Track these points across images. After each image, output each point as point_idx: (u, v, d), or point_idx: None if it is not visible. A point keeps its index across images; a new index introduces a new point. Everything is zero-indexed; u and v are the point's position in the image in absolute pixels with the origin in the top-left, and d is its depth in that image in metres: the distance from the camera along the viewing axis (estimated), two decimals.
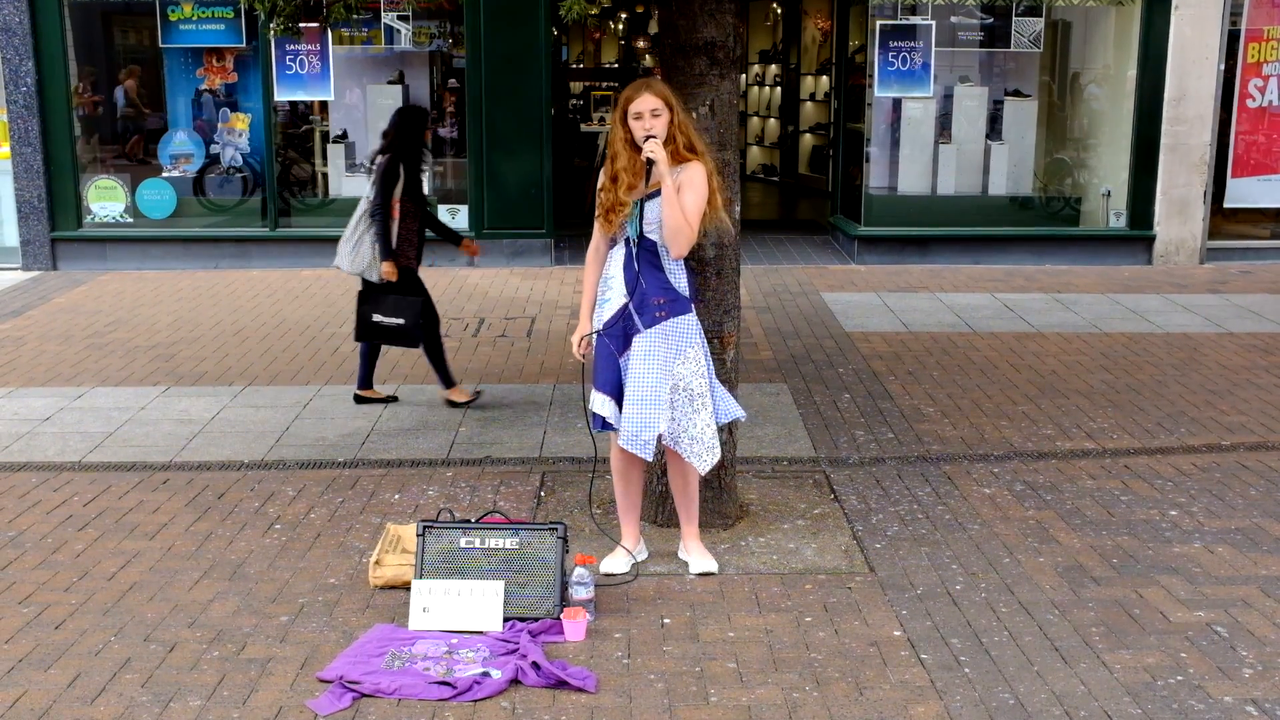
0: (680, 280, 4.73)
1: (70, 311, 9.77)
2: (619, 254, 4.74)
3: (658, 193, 4.63)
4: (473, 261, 11.03)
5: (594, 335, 4.77)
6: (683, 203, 4.61)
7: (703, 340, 4.78)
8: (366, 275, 7.00)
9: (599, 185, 4.78)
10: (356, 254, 6.97)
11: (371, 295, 7.01)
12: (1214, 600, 4.64)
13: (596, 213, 4.77)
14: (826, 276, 11.17)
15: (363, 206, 7.00)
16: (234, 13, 11.46)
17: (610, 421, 4.71)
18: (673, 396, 4.68)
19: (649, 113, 4.62)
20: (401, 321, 6.90)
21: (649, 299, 4.67)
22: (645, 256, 4.69)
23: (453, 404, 7.14)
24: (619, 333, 4.71)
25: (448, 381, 7.19)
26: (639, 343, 4.67)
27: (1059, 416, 6.94)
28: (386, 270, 6.88)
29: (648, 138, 4.59)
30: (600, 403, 4.72)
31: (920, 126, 12.13)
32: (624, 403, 4.68)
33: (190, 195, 12.00)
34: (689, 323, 4.72)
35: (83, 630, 4.42)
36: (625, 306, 4.69)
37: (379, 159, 6.97)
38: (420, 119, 7.10)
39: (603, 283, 4.80)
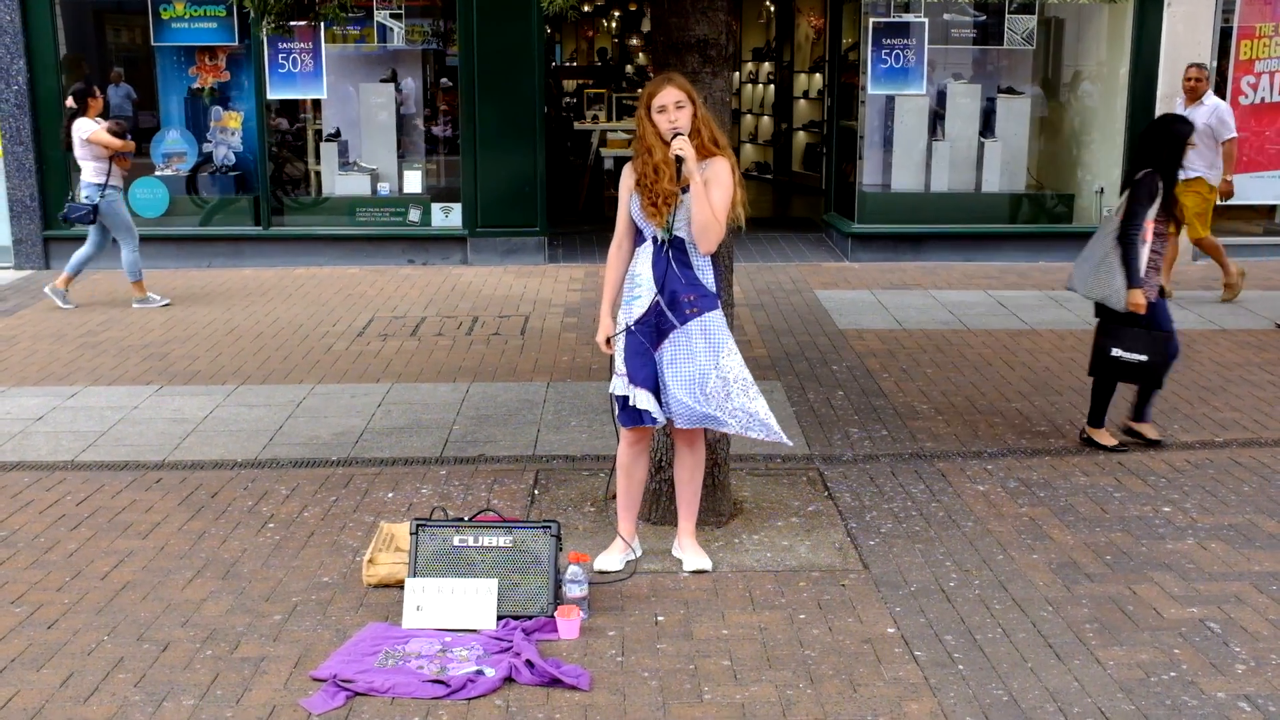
0: (708, 276, 4.74)
1: (63, 310, 9.74)
2: (646, 251, 4.74)
3: (685, 189, 4.63)
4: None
5: (624, 332, 4.75)
6: (711, 199, 4.61)
7: (728, 335, 4.81)
8: (1109, 303, 6.19)
9: (634, 181, 4.74)
10: (1098, 278, 6.20)
11: (1111, 326, 6.23)
12: (1207, 596, 4.65)
13: (642, 204, 4.70)
14: (820, 274, 11.17)
15: (1111, 225, 6.20)
16: (226, 11, 11.45)
17: (656, 416, 4.71)
18: (727, 389, 4.68)
19: (673, 105, 4.62)
20: (1145, 359, 6.15)
21: (680, 295, 4.67)
22: (674, 253, 4.69)
23: (1146, 440, 6.43)
24: (651, 329, 4.71)
25: (1140, 415, 6.47)
26: (677, 337, 4.67)
27: (1052, 413, 6.94)
28: (1135, 300, 6.10)
29: (675, 134, 4.59)
30: (644, 399, 4.70)
31: (913, 124, 12.14)
32: (676, 387, 4.67)
33: (183, 194, 11.98)
34: (719, 317, 4.75)
35: (76, 630, 4.41)
36: (656, 303, 4.69)
37: (1139, 174, 6.17)
38: (1184, 130, 6.25)
39: (629, 280, 4.79)
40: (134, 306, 9.95)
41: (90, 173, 9.75)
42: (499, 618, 4.40)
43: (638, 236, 4.81)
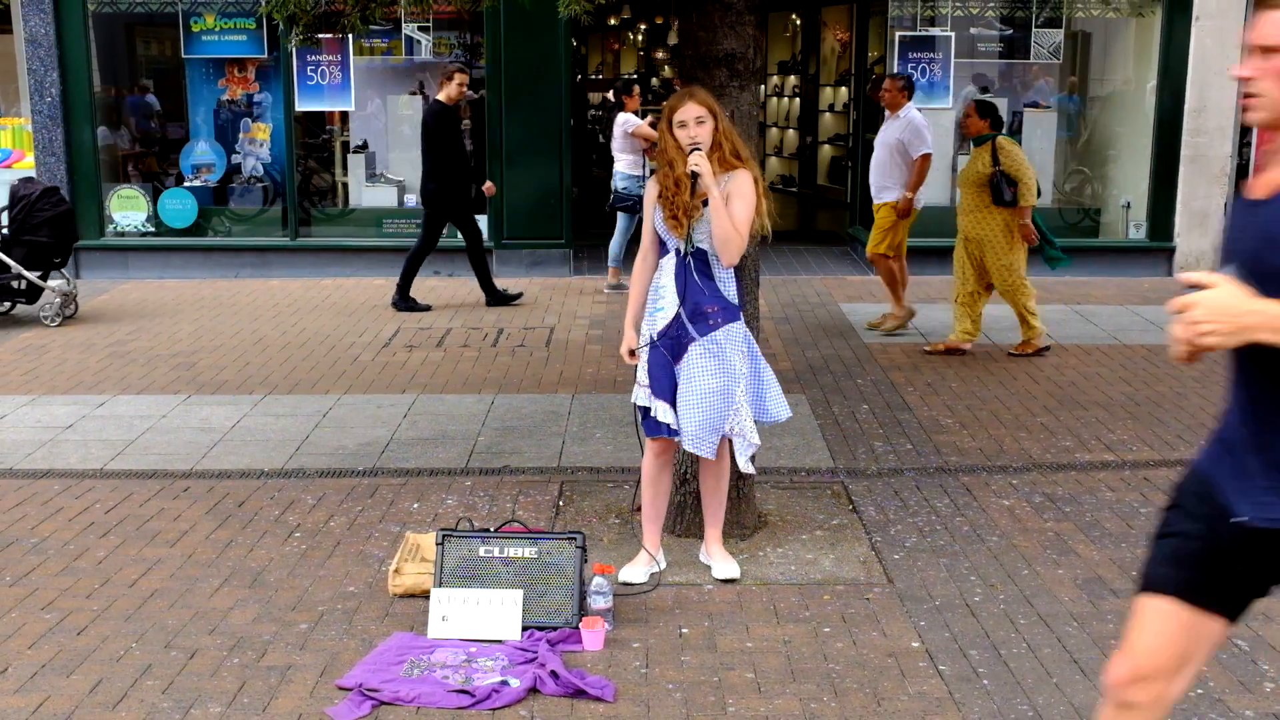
0: (730, 289, 4.77)
1: (92, 320, 9.83)
2: (669, 263, 4.77)
3: (707, 202, 4.65)
4: None
5: (648, 345, 4.78)
6: (732, 212, 4.63)
7: (750, 346, 4.83)
8: None
9: (656, 194, 4.78)
10: None
11: None
12: None
13: (664, 217, 4.73)
14: (845, 287, 11.15)
15: None
16: (255, 24, 11.55)
17: (676, 429, 4.73)
18: (740, 401, 4.72)
19: (693, 121, 4.65)
20: None
21: (702, 307, 4.70)
22: (696, 265, 4.72)
23: None
24: (672, 342, 4.74)
25: None
26: (697, 349, 4.70)
27: (1078, 428, 6.92)
28: None
29: (693, 149, 4.62)
30: (664, 411, 4.73)
31: (939, 137, 12.10)
32: (684, 407, 4.71)
33: (211, 205, 12.07)
34: (741, 329, 4.78)
35: (104, 637, 4.45)
36: (678, 315, 4.71)
37: None
38: None
39: (653, 292, 4.83)
40: (606, 290, 10.85)
41: (626, 165, 10.61)
42: (524, 628, 4.41)
43: (662, 249, 4.84)
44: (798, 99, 18.36)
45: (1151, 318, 9.83)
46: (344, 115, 12.31)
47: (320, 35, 6.61)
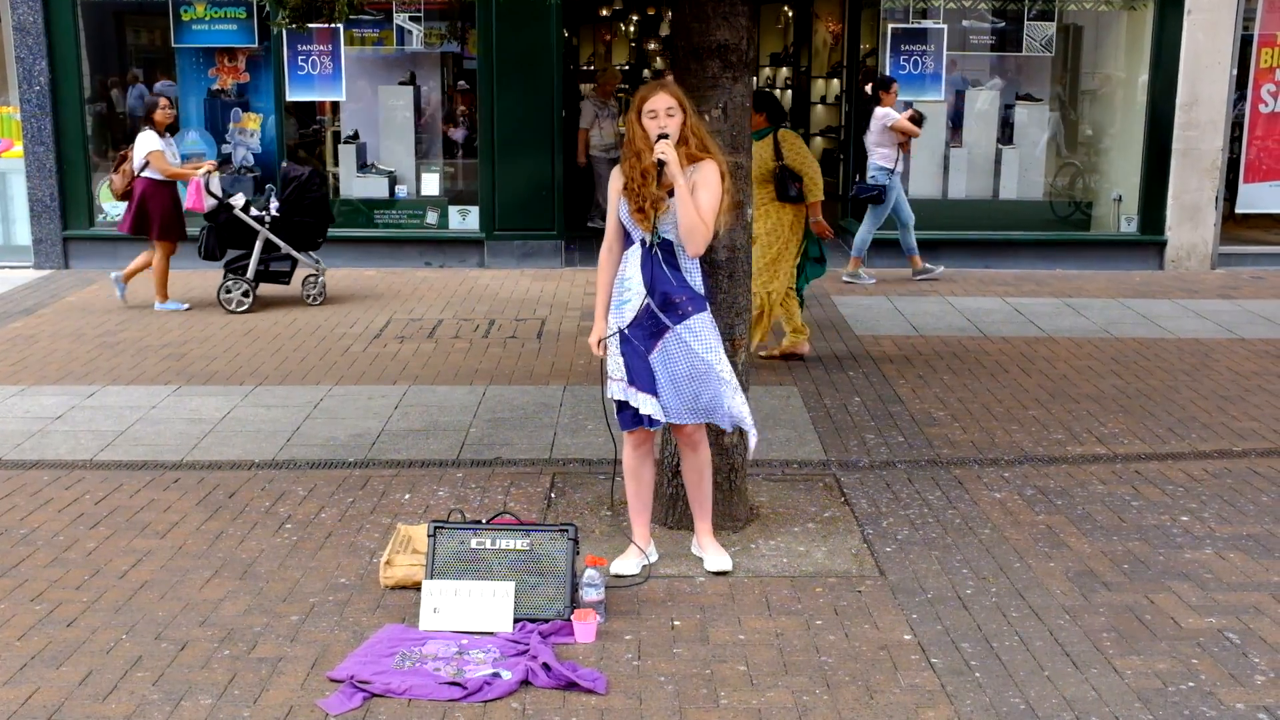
0: (696, 279, 4.77)
1: (82, 310, 9.79)
2: (635, 254, 4.76)
3: (672, 192, 4.65)
4: None
5: (616, 335, 4.78)
6: (697, 202, 4.63)
7: (718, 336, 4.83)
8: None
9: (622, 185, 4.77)
10: None
11: None
12: (1225, 606, 4.63)
13: (629, 208, 4.72)
14: (836, 280, 11.14)
15: None
16: (246, 13, 11.50)
17: (656, 419, 4.72)
18: (719, 386, 4.75)
19: (663, 112, 4.65)
20: None
21: (671, 297, 4.70)
22: (662, 256, 4.71)
23: None
24: (645, 332, 4.73)
25: None
26: (673, 337, 4.70)
27: (1069, 421, 6.93)
28: None
29: (660, 137, 4.61)
30: (645, 402, 4.72)
31: (931, 130, 12.12)
32: (669, 389, 4.73)
33: None
34: (709, 319, 4.78)
35: (94, 628, 4.43)
36: (647, 305, 4.71)
37: None
38: None
39: (619, 283, 4.82)
40: (914, 278, 11.03)
41: (880, 157, 10.72)
42: (515, 620, 4.41)
43: (627, 239, 4.83)
44: (790, 91, 18.34)
45: (1143, 311, 9.85)
46: (335, 105, 12.26)
47: (310, 24, 6.56)
